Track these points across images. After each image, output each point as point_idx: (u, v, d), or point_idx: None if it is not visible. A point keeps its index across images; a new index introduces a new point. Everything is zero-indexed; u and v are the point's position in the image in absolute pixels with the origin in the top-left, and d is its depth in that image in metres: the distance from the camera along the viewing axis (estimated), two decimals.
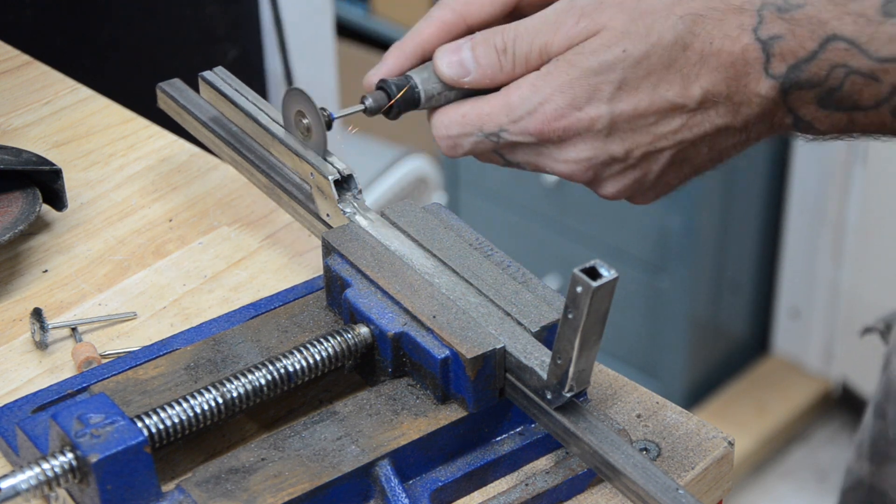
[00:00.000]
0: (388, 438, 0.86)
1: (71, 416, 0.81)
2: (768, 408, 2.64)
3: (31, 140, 1.21)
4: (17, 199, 1.07)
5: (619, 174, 0.96)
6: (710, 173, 1.01)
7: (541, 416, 0.87)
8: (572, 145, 0.94)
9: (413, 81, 0.97)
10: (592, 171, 0.96)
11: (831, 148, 2.42)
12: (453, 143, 0.97)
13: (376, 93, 0.98)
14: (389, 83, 0.98)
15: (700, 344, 2.58)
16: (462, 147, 0.97)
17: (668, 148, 0.94)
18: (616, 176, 0.96)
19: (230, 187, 1.16)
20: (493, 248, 0.95)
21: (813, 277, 2.58)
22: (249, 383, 0.88)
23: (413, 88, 0.97)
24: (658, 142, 0.94)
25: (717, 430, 0.92)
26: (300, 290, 1.00)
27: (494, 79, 0.95)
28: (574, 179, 0.97)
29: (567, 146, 0.94)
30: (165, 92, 1.14)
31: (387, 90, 0.98)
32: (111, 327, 1.02)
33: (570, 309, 0.79)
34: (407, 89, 0.97)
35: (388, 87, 0.98)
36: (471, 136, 0.96)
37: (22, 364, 0.99)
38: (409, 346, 0.89)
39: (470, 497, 0.89)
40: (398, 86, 0.98)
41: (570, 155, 0.94)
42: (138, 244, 1.10)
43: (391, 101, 0.98)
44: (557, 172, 0.96)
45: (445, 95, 0.97)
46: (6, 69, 1.30)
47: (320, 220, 1.02)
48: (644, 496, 0.81)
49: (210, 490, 0.83)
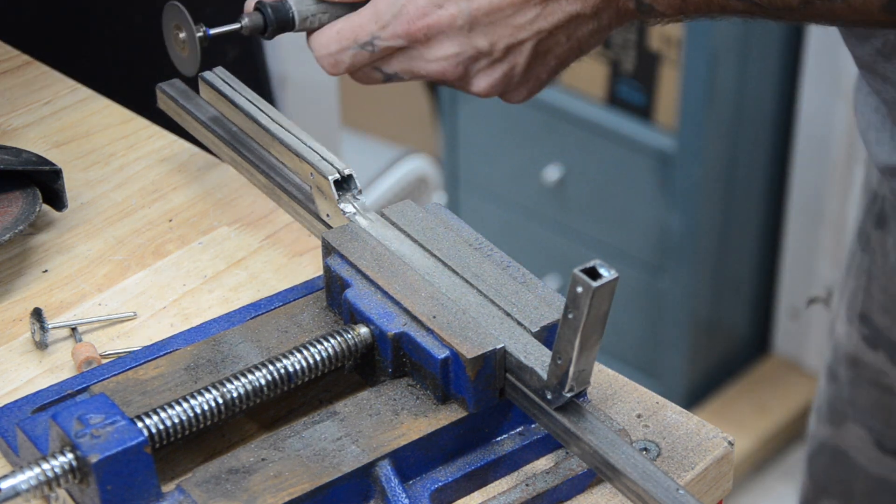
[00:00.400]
0: (389, 438, 0.86)
1: (71, 416, 0.81)
2: (768, 408, 2.64)
3: (31, 140, 1.21)
4: (17, 199, 1.07)
5: (487, 68, 1.04)
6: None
7: (541, 416, 0.87)
8: (438, 43, 1.02)
9: (288, 4, 1.04)
10: (462, 67, 1.03)
11: (831, 148, 2.42)
12: (333, 59, 1.04)
13: (253, 14, 1.05)
14: (265, 4, 1.05)
15: (700, 344, 2.58)
16: (343, 63, 1.04)
17: (528, 39, 1.02)
18: (485, 70, 1.04)
19: (230, 187, 1.16)
20: (493, 248, 0.95)
21: (813, 277, 2.58)
22: (249, 383, 0.88)
23: (288, 10, 1.04)
24: (518, 33, 1.02)
25: (717, 430, 0.92)
26: (300, 290, 1.00)
27: None
28: (446, 78, 1.04)
29: (434, 45, 1.02)
30: (165, 92, 1.14)
31: (262, 11, 1.05)
32: (111, 327, 1.02)
33: (570, 309, 0.79)
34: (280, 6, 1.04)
35: (263, 9, 1.05)
36: (348, 50, 1.03)
37: (22, 364, 0.99)
38: (409, 346, 0.89)
39: (470, 497, 0.89)
40: (273, 7, 1.04)
41: (438, 52, 1.02)
42: (138, 244, 1.10)
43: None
44: (430, 73, 1.03)
45: (319, 18, 1.04)
46: (6, 69, 1.30)
47: (320, 220, 1.02)
48: (644, 496, 0.81)
49: (210, 490, 0.83)
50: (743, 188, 2.48)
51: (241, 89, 1.07)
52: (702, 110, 2.30)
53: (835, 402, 1.41)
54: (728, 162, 2.41)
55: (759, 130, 2.44)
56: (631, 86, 2.41)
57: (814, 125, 2.42)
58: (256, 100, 1.06)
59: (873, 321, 1.33)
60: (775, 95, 2.43)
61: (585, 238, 2.59)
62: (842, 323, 1.39)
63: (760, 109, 2.42)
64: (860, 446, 1.39)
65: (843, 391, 1.39)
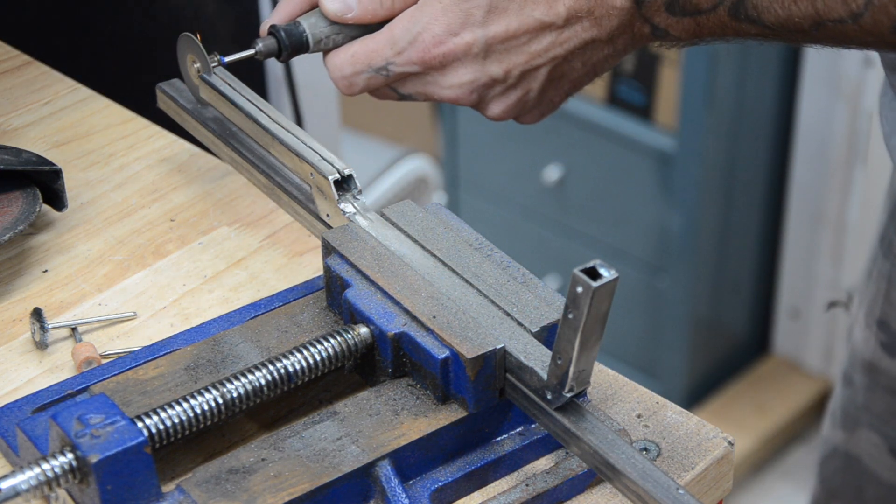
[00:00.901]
0: (389, 438, 0.86)
1: (71, 416, 0.81)
2: (768, 408, 2.64)
3: (31, 140, 1.21)
4: (17, 199, 1.07)
5: (501, 94, 1.04)
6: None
7: (541, 417, 0.87)
8: (454, 70, 1.02)
9: (302, 27, 1.04)
10: (476, 94, 1.04)
11: (831, 148, 2.42)
12: (348, 82, 1.04)
13: (267, 38, 1.04)
14: (279, 28, 1.04)
15: (700, 344, 2.58)
16: (357, 85, 1.04)
17: (543, 65, 1.03)
18: (499, 96, 1.04)
19: (230, 187, 1.16)
20: (493, 248, 0.95)
21: (813, 277, 2.58)
22: (249, 383, 0.88)
23: (301, 33, 1.04)
24: (533, 60, 1.02)
25: (717, 430, 0.92)
26: (300, 290, 1.00)
27: (376, 14, 1.03)
28: (461, 103, 1.04)
29: (449, 72, 1.02)
30: (165, 92, 1.14)
31: (276, 35, 1.04)
32: (111, 327, 1.02)
33: (570, 309, 0.79)
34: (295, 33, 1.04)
35: (277, 33, 1.04)
36: (363, 73, 1.04)
37: (22, 364, 0.99)
38: (409, 346, 0.89)
39: (470, 497, 0.89)
40: (287, 31, 1.04)
41: (454, 80, 1.02)
42: (138, 244, 1.10)
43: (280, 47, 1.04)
44: (445, 98, 1.04)
45: (333, 39, 1.04)
46: (6, 69, 1.30)
47: (320, 220, 1.02)
48: (644, 496, 0.81)
49: (210, 490, 0.83)
50: (743, 188, 2.48)
51: (242, 89, 1.07)
52: (702, 110, 2.31)
53: (849, 408, 1.41)
54: (728, 162, 2.41)
55: (759, 130, 2.44)
56: (631, 86, 2.41)
57: (814, 125, 2.42)
58: (256, 100, 1.06)
59: (892, 328, 1.33)
60: (775, 95, 2.43)
61: (585, 238, 2.59)
62: (860, 328, 1.38)
63: (760, 109, 2.42)
64: (873, 453, 1.39)
65: (858, 397, 1.39)
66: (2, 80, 1.29)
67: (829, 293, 2.57)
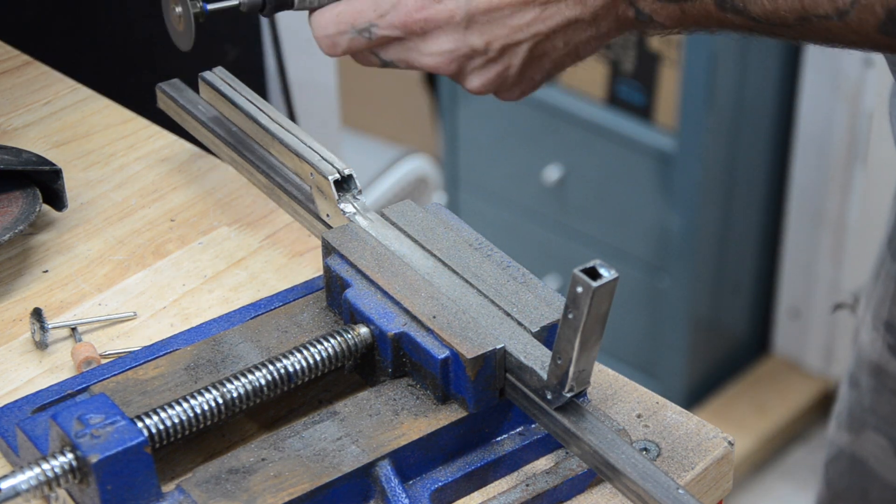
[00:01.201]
0: (389, 438, 0.86)
1: (71, 416, 0.81)
2: (768, 408, 2.64)
3: (31, 140, 1.21)
4: (17, 199, 1.07)
5: (482, 67, 1.04)
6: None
7: (541, 417, 0.87)
8: (435, 37, 1.02)
9: None
10: (456, 64, 1.03)
11: (831, 148, 2.42)
12: (331, 41, 1.05)
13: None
14: None
15: (700, 344, 2.58)
16: (340, 45, 1.05)
17: (525, 40, 1.02)
18: (479, 69, 1.04)
19: (230, 187, 1.16)
20: (493, 248, 0.95)
21: (813, 277, 2.58)
22: (249, 383, 0.88)
23: None
24: (515, 34, 1.02)
25: (717, 430, 0.92)
26: (300, 290, 1.00)
27: None
28: (440, 72, 1.04)
29: (430, 38, 1.02)
30: (165, 92, 1.14)
31: None
32: (111, 327, 1.02)
33: (570, 309, 0.79)
34: None
35: None
36: (346, 34, 1.04)
37: (22, 364, 0.99)
38: (409, 346, 0.89)
39: (470, 497, 0.89)
40: None
41: (434, 47, 1.02)
42: (138, 244, 1.10)
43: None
44: (425, 66, 1.04)
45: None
46: (6, 69, 1.30)
47: (320, 220, 1.02)
48: (644, 496, 0.81)
49: (210, 490, 0.83)
50: (743, 188, 2.48)
51: (242, 89, 1.07)
52: (702, 110, 2.30)
53: (855, 410, 1.40)
54: (728, 162, 2.41)
55: (759, 130, 2.44)
56: (631, 86, 2.40)
57: (814, 125, 2.42)
58: (256, 100, 1.06)
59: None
60: (775, 95, 2.43)
61: (585, 238, 2.59)
62: (867, 330, 1.37)
63: (760, 109, 2.42)
64: (879, 455, 1.38)
65: (865, 399, 1.38)
66: (2, 80, 1.29)
67: (829, 293, 2.57)
